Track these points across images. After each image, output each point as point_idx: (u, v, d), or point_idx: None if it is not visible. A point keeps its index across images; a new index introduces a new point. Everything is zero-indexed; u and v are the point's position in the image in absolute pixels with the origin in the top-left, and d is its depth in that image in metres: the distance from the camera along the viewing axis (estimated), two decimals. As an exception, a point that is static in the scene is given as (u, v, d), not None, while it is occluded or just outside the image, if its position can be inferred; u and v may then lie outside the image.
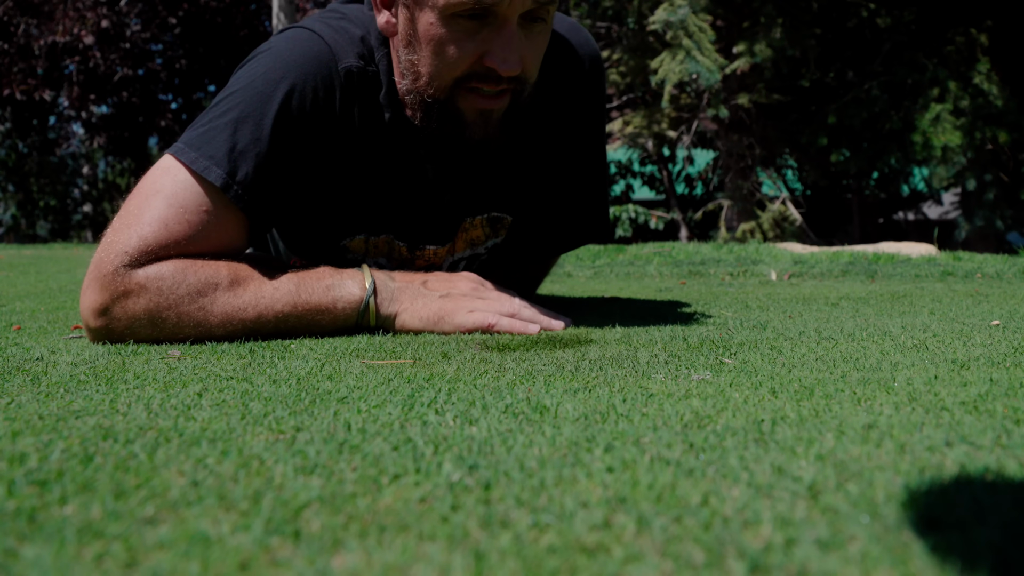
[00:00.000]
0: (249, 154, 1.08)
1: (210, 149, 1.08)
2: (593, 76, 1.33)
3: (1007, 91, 7.16)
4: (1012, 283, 2.45)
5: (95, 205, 13.68)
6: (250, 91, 1.10)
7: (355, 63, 1.15)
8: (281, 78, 1.10)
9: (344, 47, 1.15)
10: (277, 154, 1.10)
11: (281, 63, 1.12)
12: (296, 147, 1.12)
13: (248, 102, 1.09)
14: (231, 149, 1.08)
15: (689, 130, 8.50)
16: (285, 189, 1.14)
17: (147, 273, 1.04)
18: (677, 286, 2.48)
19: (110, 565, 0.35)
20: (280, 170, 1.11)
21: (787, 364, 0.87)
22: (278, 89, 1.10)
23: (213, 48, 12.25)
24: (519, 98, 1.15)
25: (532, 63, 1.13)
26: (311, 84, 1.12)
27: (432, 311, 1.14)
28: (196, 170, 1.07)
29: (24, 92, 10.95)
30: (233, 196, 1.08)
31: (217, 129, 1.09)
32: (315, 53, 1.13)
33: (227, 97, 1.11)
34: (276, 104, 1.09)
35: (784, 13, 7.32)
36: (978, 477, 0.46)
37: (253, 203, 1.10)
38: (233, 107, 1.10)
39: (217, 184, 1.07)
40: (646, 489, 0.44)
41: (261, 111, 1.09)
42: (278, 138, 1.10)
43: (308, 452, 0.51)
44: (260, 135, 1.09)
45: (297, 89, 1.11)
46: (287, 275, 1.12)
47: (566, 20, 1.33)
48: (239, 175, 1.08)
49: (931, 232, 11.83)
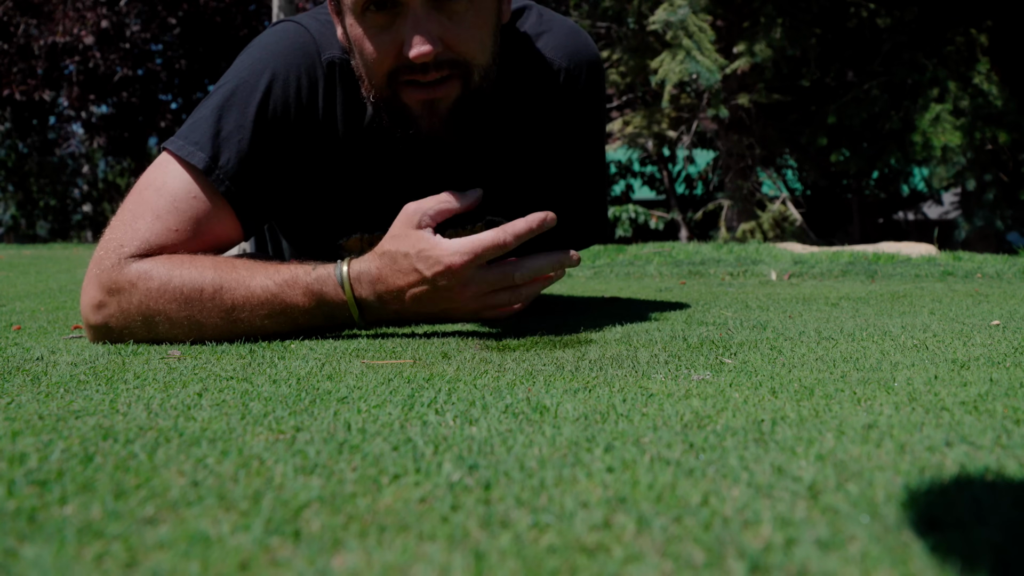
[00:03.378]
0: (232, 140, 1.11)
1: (195, 136, 1.11)
2: (591, 81, 1.33)
3: (1007, 91, 7.16)
4: (1012, 283, 2.45)
5: (95, 205, 13.68)
6: (236, 81, 1.13)
7: (339, 55, 1.16)
8: (265, 68, 1.13)
9: (329, 39, 1.17)
10: (260, 141, 1.12)
11: (267, 53, 1.15)
12: (279, 136, 1.13)
13: (234, 91, 1.12)
14: (215, 134, 1.10)
15: (689, 130, 8.50)
16: (270, 179, 1.14)
17: (138, 270, 1.05)
18: (677, 286, 2.48)
19: (110, 565, 0.35)
20: (263, 158, 1.13)
21: (787, 364, 0.87)
22: (262, 78, 1.13)
23: (213, 48, 12.24)
24: (470, 84, 1.11)
25: (464, 43, 1.08)
26: (294, 73, 1.14)
27: (412, 318, 1.15)
28: (181, 156, 1.10)
29: (24, 92, 10.95)
30: (215, 180, 1.09)
31: (203, 118, 1.12)
32: (300, 44, 1.16)
33: (216, 90, 1.14)
34: (260, 92, 1.12)
35: (784, 13, 7.32)
36: (978, 477, 0.46)
37: (236, 190, 1.11)
38: (219, 97, 1.13)
39: (200, 167, 1.09)
40: (646, 489, 0.44)
41: (246, 100, 1.12)
42: (261, 126, 1.12)
43: (308, 452, 0.51)
44: (244, 122, 1.11)
45: (280, 78, 1.13)
46: (272, 280, 1.10)
47: (566, 23, 1.33)
48: (221, 160, 1.10)
49: (931, 232, 11.83)
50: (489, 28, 1.11)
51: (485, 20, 1.10)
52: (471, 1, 1.07)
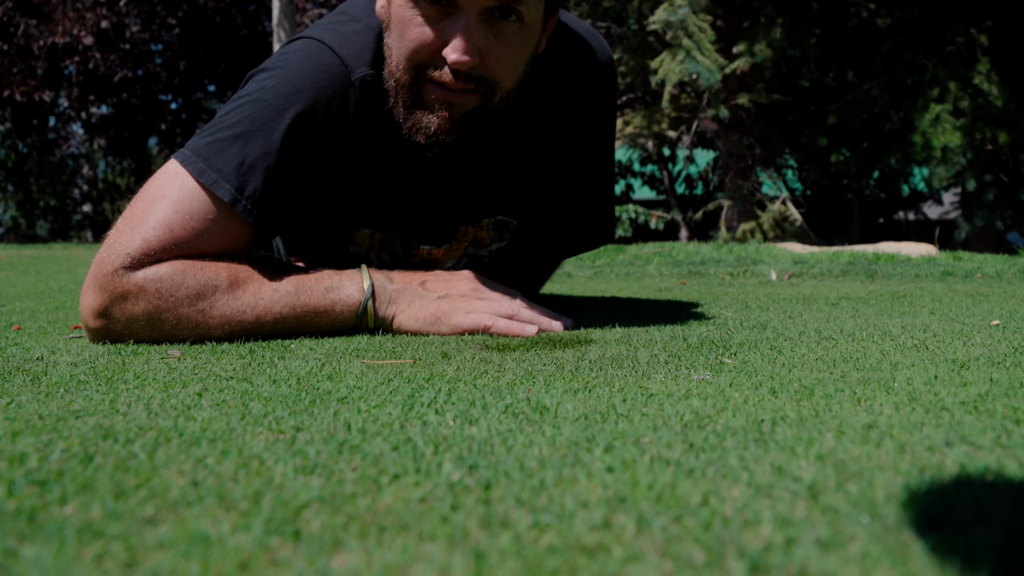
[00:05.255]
0: (258, 169, 1.08)
1: (219, 162, 1.07)
2: (606, 82, 1.33)
3: (1007, 91, 7.16)
4: (1012, 283, 2.45)
5: (95, 205, 13.68)
6: (260, 104, 1.10)
7: (368, 72, 1.14)
8: (292, 91, 1.10)
9: (355, 55, 1.14)
10: (286, 168, 1.10)
11: (292, 76, 1.11)
12: (305, 160, 1.12)
13: (258, 116, 1.09)
14: (240, 163, 1.07)
15: (689, 130, 8.50)
16: (293, 200, 1.14)
17: (146, 275, 1.04)
18: (677, 286, 2.48)
19: (110, 565, 0.35)
20: (288, 183, 1.11)
21: (787, 364, 0.87)
22: (289, 104, 1.09)
23: (213, 48, 12.25)
24: (489, 102, 1.11)
25: (499, 64, 1.08)
26: (324, 98, 1.11)
27: (429, 312, 1.14)
28: (204, 183, 1.07)
29: (24, 93, 10.95)
30: (241, 211, 1.08)
31: (226, 141, 1.08)
32: (327, 66, 1.13)
33: (237, 108, 1.11)
34: (287, 119, 1.09)
35: (784, 13, 7.32)
36: (978, 477, 0.46)
37: (261, 217, 1.10)
38: (243, 119, 1.09)
39: (225, 199, 1.07)
40: (646, 489, 0.44)
41: (271, 125, 1.09)
42: (287, 153, 1.09)
43: (308, 452, 0.51)
44: (270, 149, 1.08)
45: (308, 104, 1.10)
46: (286, 277, 1.12)
47: (583, 25, 1.33)
48: (248, 190, 1.08)
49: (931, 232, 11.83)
50: (526, 56, 1.12)
51: (526, 47, 1.11)
52: (520, 26, 1.08)
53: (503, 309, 1.16)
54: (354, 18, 1.19)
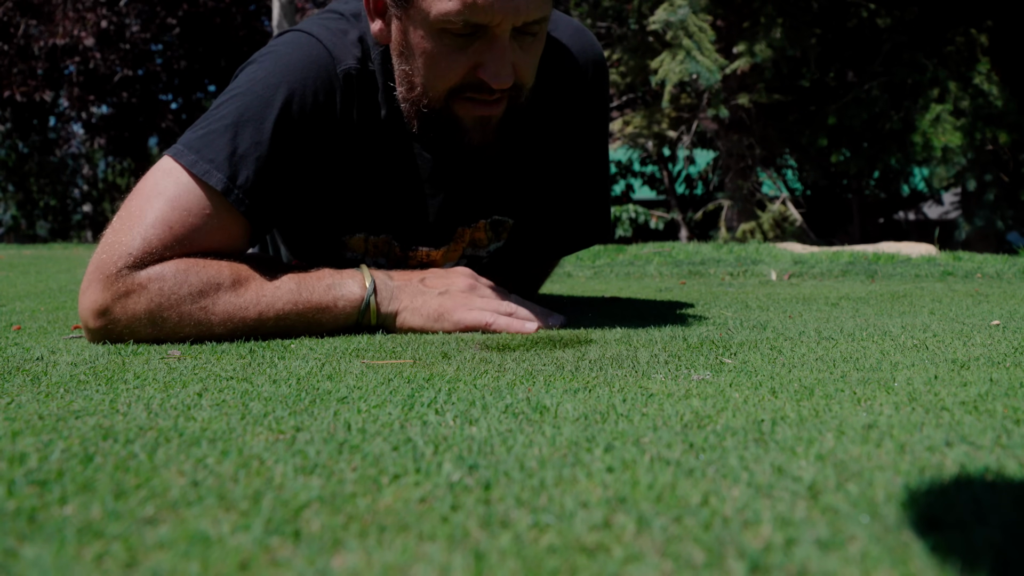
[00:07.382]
0: (249, 158, 1.09)
1: (210, 152, 1.08)
2: (596, 80, 1.33)
3: (1007, 91, 7.15)
4: (1012, 283, 2.45)
5: (95, 205, 13.68)
6: (250, 95, 1.11)
7: (353, 65, 1.16)
8: (280, 82, 1.12)
9: (342, 49, 1.16)
10: (277, 158, 1.11)
11: (281, 67, 1.13)
12: (296, 150, 1.13)
13: (248, 106, 1.10)
14: (231, 153, 1.08)
15: (689, 130, 8.50)
16: (286, 191, 1.14)
17: (149, 274, 1.04)
18: (677, 286, 2.48)
19: (110, 565, 0.35)
20: (280, 173, 1.12)
21: (787, 364, 0.87)
22: (278, 93, 1.11)
23: (213, 48, 12.25)
24: (516, 102, 1.16)
25: (527, 70, 1.14)
26: (311, 88, 1.13)
27: (432, 309, 1.15)
28: (196, 173, 1.07)
29: (24, 93, 10.95)
30: (234, 200, 1.09)
31: (217, 132, 1.09)
32: (314, 57, 1.14)
33: (226, 101, 1.12)
34: (276, 108, 1.10)
35: (784, 13, 7.32)
36: (978, 477, 0.46)
37: (254, 207, 1.10)
38: (233, 111, 1.10)
39: (218, 188, 1.08)
40: (646, 489, 0.44)
41: (261, 115, 1.10)
42: (278, 142, 1.10)
43: (308, 452, 0.51)
44: (260, 139, 1.10)
45: (297, 93, 1.12)
46: (288, 275, 1.12)
47: (572, 23, 1.33)
48: (239, 179, 1.09)
49: (931, 232, 11.83)
50: (539, 55, 1.16)
51: (540, 49, 1.16)
52: (540, 32, 1.12)
53: (503, 306, 1.16)
54: (343, 17, 1.21)
